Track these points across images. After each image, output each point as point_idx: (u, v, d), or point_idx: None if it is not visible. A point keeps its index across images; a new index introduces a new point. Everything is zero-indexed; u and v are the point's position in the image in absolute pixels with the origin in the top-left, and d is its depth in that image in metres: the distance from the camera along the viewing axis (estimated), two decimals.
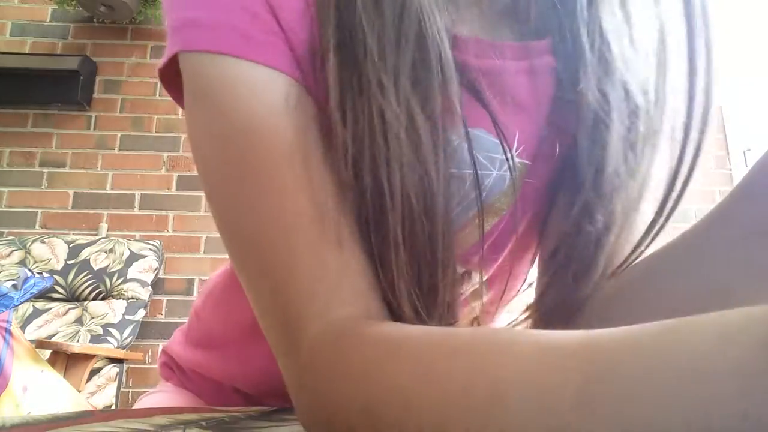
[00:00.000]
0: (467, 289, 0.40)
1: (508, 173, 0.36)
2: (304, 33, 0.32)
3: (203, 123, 0.32)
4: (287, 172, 0.29)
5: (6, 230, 2.27)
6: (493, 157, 0.35)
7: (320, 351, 0.27)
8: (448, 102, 0.31)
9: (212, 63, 0.31)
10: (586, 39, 0.35)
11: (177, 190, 2.36)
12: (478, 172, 0.34)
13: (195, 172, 2.35)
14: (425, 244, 0.30)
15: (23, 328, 1.80)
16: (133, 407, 0.54)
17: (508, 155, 0.35)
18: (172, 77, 0.36)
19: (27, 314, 1.87)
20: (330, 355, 0.26)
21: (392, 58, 0.30)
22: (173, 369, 0.54)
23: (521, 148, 0.37)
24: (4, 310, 1.17)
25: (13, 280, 1.27)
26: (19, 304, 1.26)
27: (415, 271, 0.30)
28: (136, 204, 2.35)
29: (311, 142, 0.31)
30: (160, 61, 0.35)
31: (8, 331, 1.17)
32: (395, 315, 0.31)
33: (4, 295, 1.17)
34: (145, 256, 2.11)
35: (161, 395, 0.53)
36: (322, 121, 0.31)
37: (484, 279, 0.40)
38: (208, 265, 2.29)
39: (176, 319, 2.22)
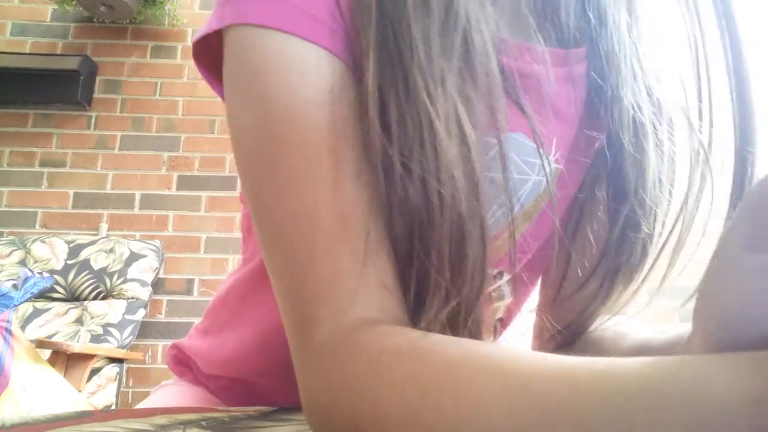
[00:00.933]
0: (494, 291, 0.40)
1: (545, 178, 0.36)
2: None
3: (246, 101, 0.30)
4: (322, 166, 0.28)
5: (6, 230, 2.27)
6: (531, 161, 0.35)
7: (324, 356, 0.27)
8: (492, 107, 0.30)
9: (265, 38, 0.29)
10: (618, 50, 0.35)
11: (177, 190, 2.36)
12: (517, 176, 0.34)
13: (195, 172, 2.36)
14: (471, 258, 0.29)
15: (23, 328, 1.80)
16: (151, 393, 0.54)
17: (545, 160, 0.34)
18: (203, 53, 0.35)
19: (27, 314, 1.87)
20: (331, 364, 0.26)
21: (439, 62, 0.28)
22: (188, 366, 0.54)
23: (558, 153, 0.37)
24: (4, 309, 1.17)
25: (13, 280, 1.27)
26: (19, 304, 1.27)
27: (455, 287, 0.29)
28: (136, 204, 2.35)
29: (352, 139, 0.29)
30: (199, 32, 0.33)
31: (8, 331, 1.17)
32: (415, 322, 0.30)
33: (4, 294, 1.17)
34: (145, 256, 2.11)
35: (176, 388, 0.53)
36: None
37: (507, 279, 0.40)
38: (208, 265, 2.29)
39: (176, 319, 2.22)
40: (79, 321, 1.89)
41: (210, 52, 0.34)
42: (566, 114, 0.37)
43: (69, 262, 2.02)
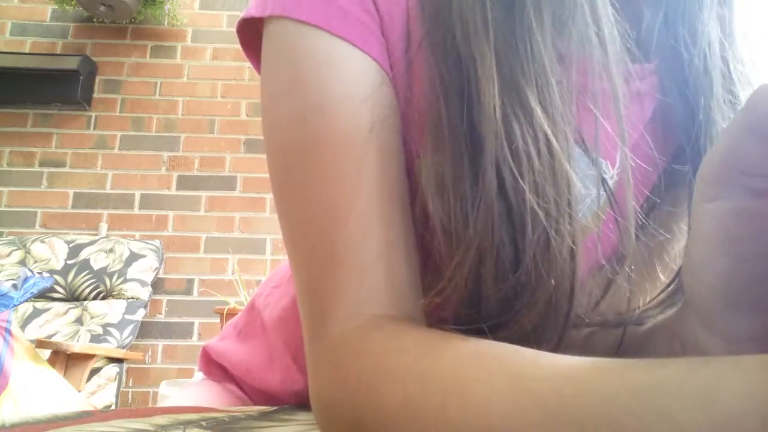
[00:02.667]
0: None
1: (604, 193, 0.34)
2: (401, 28, 0.31)
3: (279, 92, 0.31)
4: (349, 164, 0.29)
5: (6, 230, 2.27)
6: (593, 175, 0.34)
7: (335, 350, 0.27)
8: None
9: (305, 34, 0.30)
10: (710, 70, 0.34)
11: (177, 189, 2.36)
12: (582, 191, 0.33)
13: (195, 172, 2.36)
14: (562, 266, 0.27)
15: (23, 327, 1.80)
16: (180, 391, 0.55)
17: (606, 176, 0.32)
18: (247, 34, 0.35)
19: (27, 314, 1.87)
20: (340, 357, 0.27)
21: (559, 105, 0.28)
22: (220, 368, 0.54)
23: (616, 172, 0.35)
24: (4, 309, 1.17)
25: (13, 280, 1.27)
26: (19, 304, 1.27)
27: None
28: (136, 204, 2.35)
29: (381, 140, 0.30)
30: (242, 14, 0.34)
31: (8, 331, 1.17)
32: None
33: (4, 294, 1.17)
34: (145, 256, 2.11)
35: (206, 387, 0.53)
36: (401, 122, 0.31)
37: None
38: (208, 264, 2.29)
39: (176, 319, 2.22)
40: (79, 321, 1.89)
41: (254, 36, 0.35)
42: (630, 130, 0.35)
43: (69, 262, 2.02)
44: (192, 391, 0.53)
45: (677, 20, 0.34)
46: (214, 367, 0.55)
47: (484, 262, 0.27)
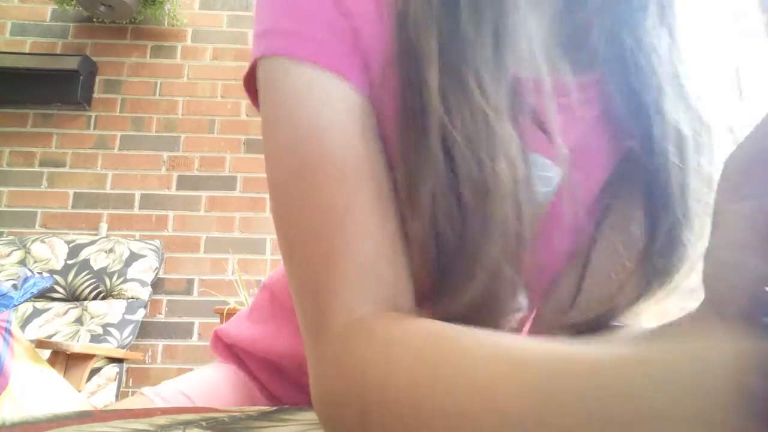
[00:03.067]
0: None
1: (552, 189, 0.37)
2: (380, 57, 0.34)
3: (275, 123, 0.34)
4: (340, 180, 0.31)
5: (6, 230, 2.27)
6: (546, 176, 0.37)
7: (336, 345, 0.28)
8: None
9: (288, 67, 0.33)
10: (657, 69, 0.36)
11: (177, 189, 2.36)
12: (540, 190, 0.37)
13: (194, 172, 2.36)
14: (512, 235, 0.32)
15: (23, 328, 1.81)
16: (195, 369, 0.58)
17: (566, 182, 0.36)
18: (253, 88, 0.38)
19: (27, 314, 1.87)
20: (342, 352, 0.27)
21: (494, 88, 0.32)
22: (231, 350, 0.58)
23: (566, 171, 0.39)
24: (4, 309, 1.17)
25: (13, 280, 1.27)
26: (19, 304, 1.27)
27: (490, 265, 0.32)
28: (136, 204, 2.35)
29: (369, 148, 0.33)
30: (245, 71, 0.37)
31: (8, 331, 1.17)
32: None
33: (4, 294, 1.17)
34: (145, 256, 2.11)
35: (218, 369, 0.57)
36: (383, 137, 0.34)
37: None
38: (208, 264, 2.29)
39: (176, 319, 2.22)
40: (79, 321, 1.89)
41: (254, 78, 0.38)
42: (585, 125, 0.38)
43: (69, 262, 2.02)
44: (192, 373, 0.57)
45: (623, 29, 0.38)
46: (221, 347, 0.58)
47: (437, 202, 0.32)
